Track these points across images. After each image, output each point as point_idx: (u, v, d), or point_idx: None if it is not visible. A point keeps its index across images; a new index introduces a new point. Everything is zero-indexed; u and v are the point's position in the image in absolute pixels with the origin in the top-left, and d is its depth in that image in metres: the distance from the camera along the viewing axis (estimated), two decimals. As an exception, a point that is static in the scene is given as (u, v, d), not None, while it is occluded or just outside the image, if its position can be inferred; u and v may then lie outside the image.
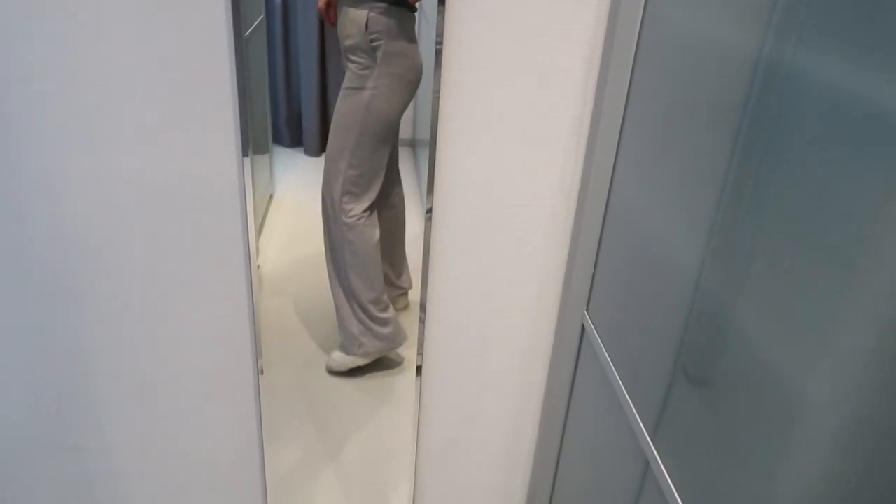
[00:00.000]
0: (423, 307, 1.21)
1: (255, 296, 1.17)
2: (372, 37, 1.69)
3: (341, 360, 1.94)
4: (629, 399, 0.92)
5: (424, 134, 3.15)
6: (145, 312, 1.15)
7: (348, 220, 1.82)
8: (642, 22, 0.90)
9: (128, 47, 0.99)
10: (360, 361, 1.92)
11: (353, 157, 1.80)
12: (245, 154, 1.09)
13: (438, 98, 1.06)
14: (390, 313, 1.90)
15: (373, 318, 1.89)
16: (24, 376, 1.23)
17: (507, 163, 1.10)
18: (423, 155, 3.24)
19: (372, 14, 1.67)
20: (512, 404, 1.30)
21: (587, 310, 1.08)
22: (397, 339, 1.91)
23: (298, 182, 3.42)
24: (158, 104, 1.02)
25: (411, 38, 1.71)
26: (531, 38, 1.02)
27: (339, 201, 1.82)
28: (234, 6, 0.98)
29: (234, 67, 1.01)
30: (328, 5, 1.72)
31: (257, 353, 1.21)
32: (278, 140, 3.06)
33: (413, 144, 3.39)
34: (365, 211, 1.82)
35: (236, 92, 1.03)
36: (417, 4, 1.74)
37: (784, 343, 0.63)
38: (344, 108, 1.78)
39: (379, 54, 1.70)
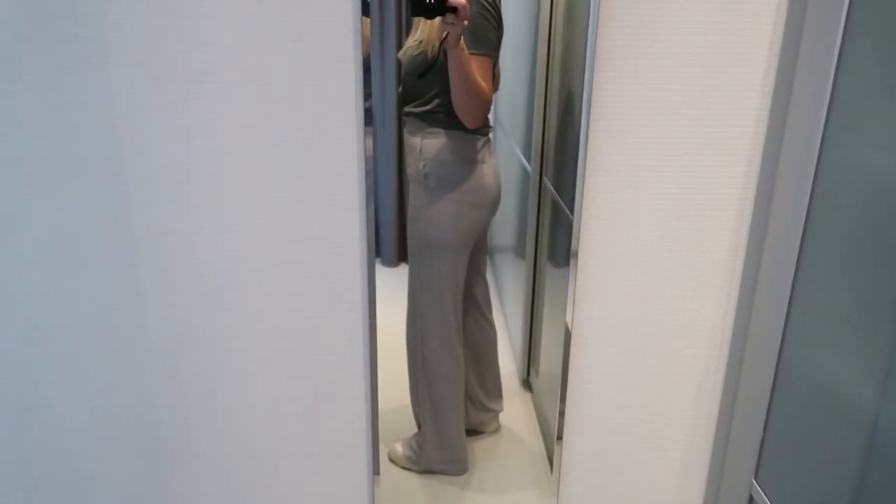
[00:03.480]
0: (553, 444, 1.10)
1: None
2: (423, 163, 1.65)
3: (397, 455, 1.85)
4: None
5: (502, 241, 3.12)
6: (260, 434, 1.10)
7: (427, 351, 1.74)
8: (818, 164, 0.83)
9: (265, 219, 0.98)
10: (412, 468, 1.83)
11: (425, 289, 1.74)
12: (372, 287, 1.05)
13: (579, 234, 1.00)
14: (457, 447, 1.82)
15: (436, 446, 1.81)
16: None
17: (650, 306, 1.02)
18: (502, 262, 3.20)
19: (425, 140, 1.64)
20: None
21: (756, 478, 0.95)
22: (455, 469, 1.82)
23: (377, 293, 3.42)
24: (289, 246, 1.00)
25: (470, 160, 1.67)
26: (676, 174, 0.96)
27: (420, 332, 1.76)
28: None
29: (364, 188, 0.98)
30: None
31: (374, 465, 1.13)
32: (357, 251, 3.03)
33: (490, 252, 3.34)
34: (448, 340, 1.74)
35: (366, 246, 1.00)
36: (488, 123, 1.71)
37: None
38: (409, 239, 1.73)
39: (431, 182, 1.65)
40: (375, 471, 1.22)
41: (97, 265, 1.04)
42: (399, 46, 3.10)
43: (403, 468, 1.89)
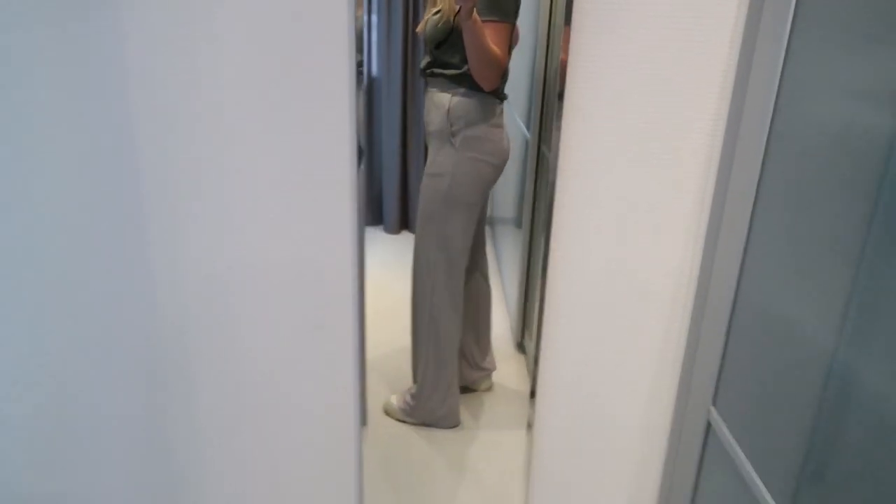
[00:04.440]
0: (533, 393, 1.17)
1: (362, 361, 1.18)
2: (452, 121, 1.72)
3: (392, 408, 1.97)
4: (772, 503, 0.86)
5: (502, 212, 3.19)
6: (256, 378, 1.18)
7: (436, 301, 1.82)
8: (775, 108, 0.88)
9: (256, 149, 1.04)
10: (406, 420, 1.95)
11: (438, 242, 1.80)
12: (361, 236, 1.11)
13: (555, 183, 1.06)
14: (450, 400, 1.92)
15: (432, 399, 1.91)
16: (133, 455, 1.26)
17: (623, 247, 1.08)
18: (501, 233, 3.27)
19: (455, 98, 1.71)
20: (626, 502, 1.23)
21: (714, 404, 1.02)
22: (446, 422, 1.94)
23: (378, 260, 3.50)
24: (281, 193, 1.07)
25: (495, 124, 1.74)
26: (650, 121, 1.02)
27: (429, 286, 1.82)
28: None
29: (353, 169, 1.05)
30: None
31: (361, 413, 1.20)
32: (360, 219, 3.10)
33: (491, 223, 3.41)
34: (454, 295, 1.82)
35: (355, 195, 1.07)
36: (506, 91, 1.79)
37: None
38: (426, 193, 1.79)
39: (458, 139, 1.72)
40: (363, 422, 1.28)
41: (104, 209, 1.10)
42: (406, 21, 3.17)
43: (398, 420, 1.97)
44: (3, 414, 1.24)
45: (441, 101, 1.76)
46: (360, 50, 1.06)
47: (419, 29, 1.81)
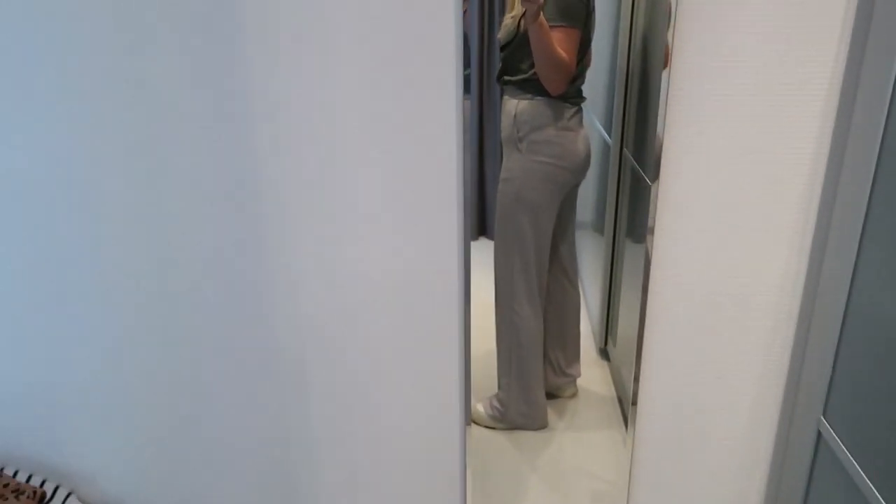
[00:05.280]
0: (634, 402, 1.18)
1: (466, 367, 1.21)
2: (519, 126, 1.74)
3: (480, 415, 1.96)
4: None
5: (580, 216, 3.16)
6: (365, 379, 1.23)
7: (517, 307, 1.83)
8: (889, 110, 0.86)
9: (366, 161, 1.09)
10: (496, 426, 1.94)
11: (513, 246, 1.82)
12: (468, 243, 1.15)
13: (657, 189, 1.07)
14: (537, 404, 1.91)
15: (519, 404, 1.90)
16: (249, 451, 1.34)
17: (725, 255, 1.07)
18: (580, 237, 3.23)
19: (521, 104, 1.73)
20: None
21: (824, 415, 1.00)
22: (535, 423, 1.92)
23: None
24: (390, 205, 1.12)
25: (565, 127, 1.74)
26: (754, 123, 1.01)
27: (509, 290, 1.84)
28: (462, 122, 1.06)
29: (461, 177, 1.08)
30: None
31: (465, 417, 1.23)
32: (439, 225, 3.16)
33: (569, 228, 3.35)
34: (533, 299, 1.82)
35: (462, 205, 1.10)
36: (583, 93, 1.79)
37: None
38: (500, 199, 1.82)
39: (524, 144, 1.74)
40: (467, 422, 1.32)
41: (224, 215, 1.18)
42: (481, 27, 3.18)
43: (486, 427, 1.98)
44: (132, 414, 1.34)
45: (509, 108, 1.80)
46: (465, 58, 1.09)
47: (500, 34, 1.84)
